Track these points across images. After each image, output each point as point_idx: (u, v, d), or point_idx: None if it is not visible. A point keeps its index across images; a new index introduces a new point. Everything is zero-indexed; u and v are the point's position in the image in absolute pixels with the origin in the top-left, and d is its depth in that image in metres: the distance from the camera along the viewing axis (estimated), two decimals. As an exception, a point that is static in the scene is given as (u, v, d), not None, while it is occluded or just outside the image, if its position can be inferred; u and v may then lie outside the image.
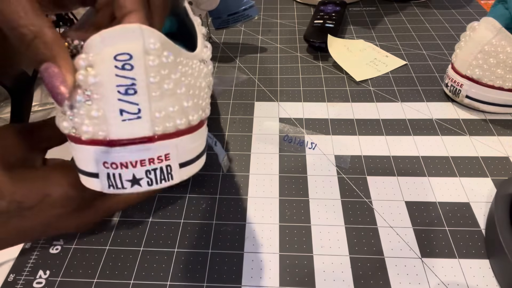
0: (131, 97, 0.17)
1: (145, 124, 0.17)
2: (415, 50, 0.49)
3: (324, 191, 0.32)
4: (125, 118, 0.17)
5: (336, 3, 0.56)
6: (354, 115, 0.40)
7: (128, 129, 0.17)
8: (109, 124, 0.17)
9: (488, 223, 0.29)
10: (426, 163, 0.34)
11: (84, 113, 0.17)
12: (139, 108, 0.17)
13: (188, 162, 0.20)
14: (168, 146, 0.18)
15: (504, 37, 0.34)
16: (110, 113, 0.17)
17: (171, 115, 0.18)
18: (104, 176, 0.18)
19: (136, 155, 0.18)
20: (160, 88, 0.18)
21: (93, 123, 0.17)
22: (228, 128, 0.38)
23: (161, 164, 0.18)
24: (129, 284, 0.26)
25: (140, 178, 0.18)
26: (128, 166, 0.18)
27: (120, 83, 0.17)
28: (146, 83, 0.17)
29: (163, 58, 0.18)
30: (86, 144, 0.18)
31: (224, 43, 0.52)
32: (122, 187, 0.18)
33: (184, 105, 0.19)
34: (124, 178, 0.18)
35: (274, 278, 0.26)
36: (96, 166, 0.18)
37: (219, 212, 0.31)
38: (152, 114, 0.17)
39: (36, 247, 0.29)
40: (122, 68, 0.17)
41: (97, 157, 0.18)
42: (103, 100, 0.17)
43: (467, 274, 0.26)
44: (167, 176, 0.19)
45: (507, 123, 0.38)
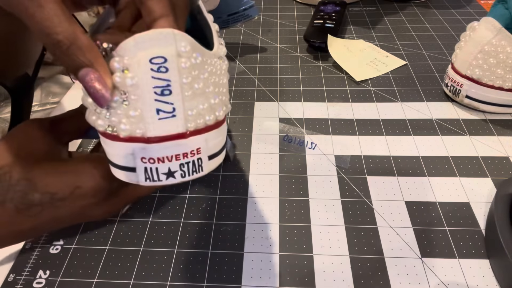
0: (166, 97, 0.18)
1: (179, 121, 0.19)
2: (415, 50, 0.49)
3: (324, 191, 0.32)
4: (162, 117, 0.18)
5: (336, 3, 0.56)
6: (354, 115, 0.40)
7: (164, 126, 0.19)
8: (146, 122, 0.18)
9: (488, 223, 0.29)
10: (426, 163, 0.34)
11: (122, 112, 0.19)
12: (173, 107, 0.19)
13: (215, 154, 0.21)
14: (199, 141, 0.20)
15: (504, 37, 0.34)
16: (147, 112, 0.18)
17: (201, 112, 0.20)
18: (142, 170, 0.19)
19: (172, 150, 0.19)
20: (192, 88, 0.19)
21: (131, 121, 0.19)
22: (228, 128, 0.38)
23: (193, 157, 0.20)
24: (129, 284, 0.26)
25: (174, 171, 0.20)
26: (164, 160, 0.19)
27: (156, 84, 0.18)
28: (179, 84, 0.18)
29: (192, 59, 0.19)
30: (124, 141, 0.19)
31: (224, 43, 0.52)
32: (158, 180, 0.20)
33: (211, 102, 0.20)
34: (160, 171, 0.20)
35: (274, 278, 0.26)
36: (134, 161, 0.19)
37: (219, 212, 0.31)
38: (185, 112, 0.19)
39: (36, 247, 0.29)
40: (157, 71, 0.18)
41: (135, 153, 0.19)
42: (140, 101, 0.18)
43: (467, 274, 0.26)
44: (198, 168, 0.20)
45: (507, 123, 0.38)
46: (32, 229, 0.24)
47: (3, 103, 0.34)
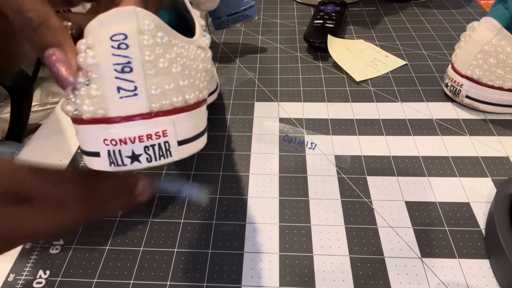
0: (127, 75, 0.18)
1: (142, 101, 0.18)
2: (415, 50, 0.49)
3: (324, 191, 0.32)
4: (122, 95, 0.18)
5: (336, 3, 0.56)
6: (354, 115, 0.40)
7: (125, 106, 0.18)
8: (108, 102, 0.18)
9: (488, 223, 0.29)
10: (426, 163, 0.34)
11: (85, 93, 0.18)
12: (135, 86, 0.18)
13: (187, 141, 0.21)
14: (165, 123, 0.19)
15: (504, 37, 0.34)
16: (108, 91, 0.18)
17: (167, 93, 0.19)
18: (105, 154, 0.19)
19: (134, 130, 0.19)
20: (155, 66, 0.19)
21: (93, 102, 0.18)
22: (228, 128, 0.38)
23: (159, 140, 0.19)
24: (129, 284, 0.26)
25: (139, 154, 0.19)
26: (127, 142, 0.19)
27: (116, 61, 0.18)
28: (141, 61, 0.18)
29: (157, 38, 0.19)
30: (88, 123, 0.19)
31: (224, 43, 0.52)
32: (122, 164, 0.19)
33: (180, 83, 0.20)
34: (124, 154, 0.19)
35: (274, 278, 0.26)
36: (97, 145, 0.19)
37: (219, 212, 0.31)
38: (148, 91, 0.18)
39: (36, 247, 0.29)
40: (118, 48, 0.18)
41: (97, 135, 0.19)
42: (101, 79, 0.18)
43: (467, 274, 0.26)
44: (166, 153, 0.20)
45: (507, 123, 0.38)
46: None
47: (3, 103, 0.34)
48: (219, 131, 0.38)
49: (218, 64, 0.48)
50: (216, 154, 0.36)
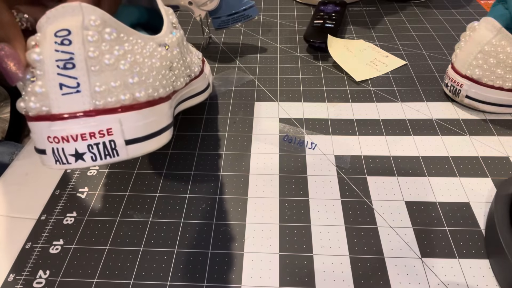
0: (69, 71, 0.18)
1: (85, 98, 0.18)
2: (415, 50, 0.49)
3: (324, 191, 0.32)
4: (65, 92, 0.18)
5: (336, 3, 0.56)
6: (354, 115, 0.40)
7: (68, 103, 0.18)
8: (51, 99, 0.18)
9: (488, 223, 0.29)
10: (426, 163, 0.34)
11: (31, 90, 0.18)
12: (78, 82, 0.18)
13: (137, 140, 0.20)
14: (109, 121, 0.19)
15: (504, 37, 0.34)
16: (51, 88, 0.18)
17: (113, 90, 0.19)
18: (50, 151, 0.19)
19: (76, 128, 0.18)
20: (100, 62, 0.18)
21: (38, 99, 0.18)
22: (228, 128, 0.38)
23: (103, 139, 0.19)
24: (129, 284, 0.26)
25: (83, 153, 0.19)
26: (69, 140, 0.18)
27: (59, 57, 0.18)
28: (84, 57, 0.18)
29: (105, 34, 0.18)
30: (34, 120, 0.19)
31: (224, 43, 0.52)
32: (67, 162, 0.19)
33: (128, 80, 0.19)
34: (67, 152, 0.18)
35: (274, 278, 0.26)
36: (43, 142, 0.19)
37: (219, 212, 0.31)
38: (92, 88, 0.18)
39: (36, 247, 0.29)
40: (61, 44, 0.18)
41: (42, 132, 0.18)
42: (45, 76, 0.18)
43: (467, 274, 0.26)
44: (112, 152, 0.19)
45: (507, 123, 0.38)
46: None
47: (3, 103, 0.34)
48: (219, 131, 0.38)
49: (218, 64, 0.48)
50: (216, 154, 0.36)
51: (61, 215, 0.31)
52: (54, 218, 0.31)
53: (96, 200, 0.32)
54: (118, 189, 0.33)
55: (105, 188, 0.33)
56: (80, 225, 0.30)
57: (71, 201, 0.32)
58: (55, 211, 0.31)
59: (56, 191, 0.33)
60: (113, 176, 0.34)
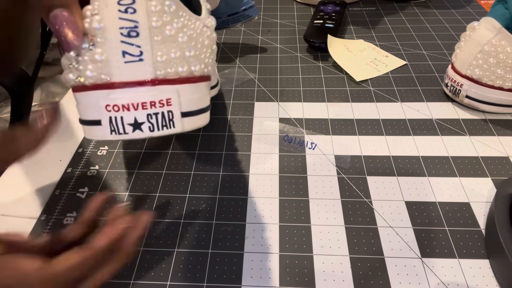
0: (133, 39, 0.18)
1: (147, 67, 0.18)
2: (415, 50, 0.49)
3: (324, 191, 0.32)
4: (128, 60, 0.18)
5: (336, 3, 0.56)
6: (354, 115, 0.40)
7: (130, 71, 0.18)
8: (112, 66, 0.18)
9: (488, 223, 0.29)
10: (426, 163, 0.34)
11: (89, 58, 0.18)
12: (141, 51, 0.18)
13: (191, 113, 0.20)
14: (169, 91, 0.19)
15: (504, 37, 0.34)
16: (113, 55, 0.17)
17: (173, 61, 0.19)
18: (107, 121, 0.18)
19: (138, 97, 0.18)
20: (162, 33, 0.18)
21: (97, 67, 0.18)
22: (228, 128, 0.38)
23: (163, 109, 0.19)
24: (129, 284, 0.26)
25: (141, 122, 0.18)
26: (130, 108, 0.18)
27: (123, 25, 0.17)
28: (148, 26, 0.18)
29: (165, 6, 0.18)
30: (90, 89, 0.18)
31: (224, 43, 0.52)
32: (124, 132, 0.18)
33: (186, 53, 0.19)
34: (126, 121, 0.18)
35: (274, 278, 0.26)
36: (99, 112, 0.18)
37: (219, 212, 0.31)
38: (154, 57, 0.18)
39: (36, 247, 0.29)
40: (125, 12, 0.17)
41: (99, 101, 0.18)
42: (106, 43, 0.17)
43: (467, 274, 0.26)
44: (169, 123, 0.19)
45: (507, 123, 0.38)
46: None
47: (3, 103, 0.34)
48: (219, 131, 0.38)
49: (218, 64, 0.48)
50: (216, 154, 0.36)
51: (61, 215, 0.31)
52: (54, 218, 0.31)
53: (96, 200, 0.32)
54: (118, 189, 0.33)
55: (105, 188, 0.33)
56: (80, 225, 0.30)
57: (71, 201, 0.32)
58: (55, 211, 0.31)
59: (56, 191, 0.33)
60: (113, 176, 0.34)
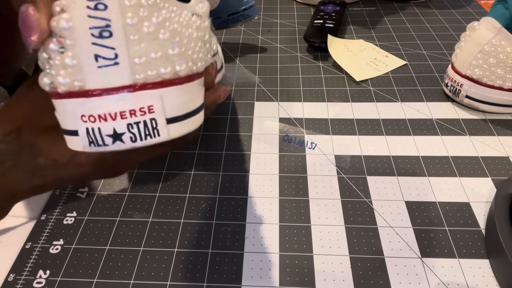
0: (106, 41, 0.16)
1: (124, 71, 0.16)
2: (415, 50, 0.49)
3: (324, 191, 0.32)
4: (101, 64, 0.16)
5: (336, 3, 0.56)
6: (354, 115, 0.40)
7: (105, 76, 0.16)
8: (84, 72, 0.16)
9: (488, 223, 0.29)
10: (426, 163, 0.34)
11: (59, 62, 0.16)
12: (116, 53, 0.16)
13: (178, 118, 0.18)
14: (151, 97, 0.17)
15: (504, 37, 0.34)
16: (85, 59, 0.16)
17: (153, 62, 0.17)
18: (84, 132, 0.17)
19: (115, 105, 0.16)
20: (139, 31, 0.16)
21: (69, 73, 0.16)
22: (228, 128, 0.38)
23: (144, 117, 0.17)
24: (129, 284, 0.26)
25: (122, 133, 0.17)
26: (107, 118, 0.16)
27: (93, 24, 0.15)
28: (122, 24, 0.16)
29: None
30: (64, 97, 0.17)
31: (224, 43, 0.52)
32: (103, 144, 0.17)
33: (168, 52, 0.17)
34: (104, 132, 0.17)
35: (274, 278, 0.26)
36: (75, 122, 0.17)
37: (219, 212, 0.31)
38: (131, 59, 0.16)
39: (36, 247, 0.29)
40: (95, 8, 0.15)
41: (74, 111, 0.16)
42: (76, 46, 0.16)
43: (467, 274, 0.26)
44: (153, 132, 0.17)
45: (507, 123, 0.38)
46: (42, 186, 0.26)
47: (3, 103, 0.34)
48: (219, 131, 0.38)
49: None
50: (216, 154, 0.36)
51: (61, 215, 0.31)
52: (54, 218, 0.31)
53: (96, 200, 0.32)
54: (118, 189, 0.33)
55: (105, 188, 0.33)
56: (80, 225, 0.30)
57: (71, 201, 0.32)
58: (55, 211, 0.31)
59: (56, 191, 0.33)
60: (113, 176, 0.34)
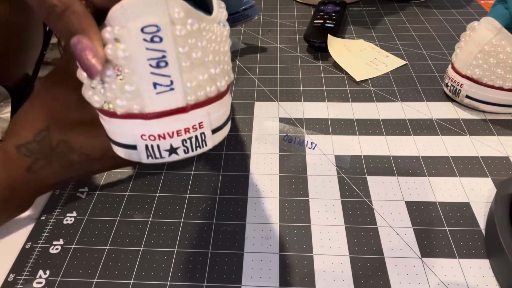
0: (163, 70, 0.17)
1: (178, 95, 0.18)
2: (415, 50, 0.49)
3: (324, 191, 0.32)
4: (159, 91, 0.17)
5: (336, 3, 0.56)
6: (354, 115, 0.40)
7: (162, 101, 0.18)
8: (144, 97, 0.18)
9: (488, 223, 0.28)
10: (426, 163, 0.34)
11: (117, 87, 0.18)
12: (171, 80, 0.17)
13: (219, 128, 0.21)
14: (201, 115, 0.19)
15: (504, 37, 0.34)
16: (144, 86, 0.17)
17: (201, 84, 0.19)
18: (143, 148, 0.19)
19: (172, 126, 0.18)
20: (190, 58, 0.18)
21: (127, 97, 0.18)
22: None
23: (196, 132, 0.19)
24: (129, 284, 0.26)
25: (177, 148, 0.19)
26: (165, 137, 0.18)
27: (151, 56, 0.17)
28: (176, 54, 0.17)
29: (188, 26, 0.18)
30: (122, 118, 0.18)
31: (224, 43, 0.52)
32: (160, 157, 0.19)
33: (212, 72, 0.19)
34: (162, 148, 0.19)
35: (274, 278, 0.26)
36: (134, 138, 0.19)
37: (219, 212, 0.31)
38: (184, 84, 0.18)
39: (36, 247, 0.29)
40: (151, 41, 0.17)
41: (134, 131, 0.18)
42: (135, 75, 0.17)
43: (467, 274, 0.26)
44: (202, 143, 0.20)
45: (507, 123, 0.38)
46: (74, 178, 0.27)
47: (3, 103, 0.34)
48: (219, 131, 0.38)
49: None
50: (216, 154, 0.36)
51: (61, 215, 0.31)
52: (54, 218, 0.31)
53: (96, 200, 0.32)
54: (118, 189, 0.33)
55: (105, 188, 0.33)
56: (80, 225, 0.30)
57: (71, 201, 0.32)
58: (55, 211, 0.31)
59: (56, 191, 0.33)
60: (113, 176, 0.34)
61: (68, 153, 0.25)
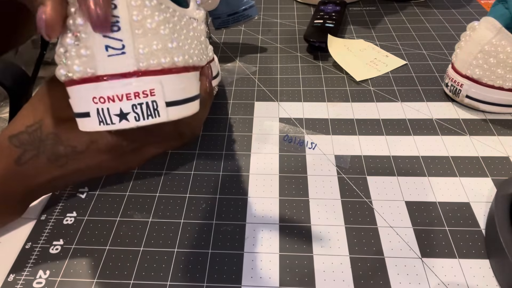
0: (115, 34, 0.19)
1: (130, 59, 0.19)
2: (415, 50, 0.49)
3: (324, 191, 0.32)
4: (111, 53, 0.19)
5: (336, 3, 0.56)
6: (354, 115, 0.40)
7: (113, 64, 0.19)
8: (97, 60, 0.19)
9: (488, 223, 0.29)
10: (426, 163, 0.34)
11: (75, 53, 0.19)
12: (123, 44, 0.19)
13: (176, 103, 0.21)
14: (152, 81, 0.20)
15: (504, 37, 0.34)
16: (97, 50, 0.19)
17: (155, 53, 0.20)
18: (94, 112, 0.20)
19: (122, 88, 0.19)
20: (143, 26, 0.19)
21: (83, 61, 0.19)
22: (228, 128, 0.38)
23: (147, 99, 0.20)
24: (129, 284, 0.26)
25: (127, 113, 0.20)
26: (115, 99, 0.19)
27: None
28: (129, 21, 0.19)
29: (146, 1, 0.19)
30: (78, 83, 0.19)
31: (224, 43, 0.52)
32: (111, 122, 0.20)
33: (168, 45, 0.20)
34: (112, 112, 0.19)
35: (274, 278, 0.26)
36: (87, 104, 0.20)
37: (219, 212, 0.31)
38: (136, 50, 0.19)
39: (36, 247, 0.29)
40: None
41: (87, 94, 0.19)
42: (90, 39, 0.19)
43: (467, 274, 0.26)
44: (154, 112, 0.20)
45: (507, 123, 0.38)
46: (61, 177, 0.28)
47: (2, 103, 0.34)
48: (219, 131, 0.38)
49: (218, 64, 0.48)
50: (216, 154, 0.36)
51: (61, 215, 0.31)
52: (54, 218, 0.31)
53: (96, 200, 0.32)
54: (118, 189, 0.33)
55: (105, 188, 0.33)
56: (80, 225, 0.30)
57: (71, 201, 0.32)
58: (55, 211, 0.31)
59: (56, 191, 0.33)
60: (113, 176, 0.34)
61: (55, 145, 0.26)
